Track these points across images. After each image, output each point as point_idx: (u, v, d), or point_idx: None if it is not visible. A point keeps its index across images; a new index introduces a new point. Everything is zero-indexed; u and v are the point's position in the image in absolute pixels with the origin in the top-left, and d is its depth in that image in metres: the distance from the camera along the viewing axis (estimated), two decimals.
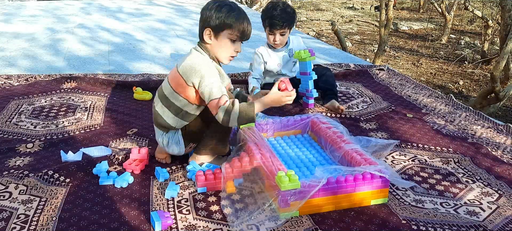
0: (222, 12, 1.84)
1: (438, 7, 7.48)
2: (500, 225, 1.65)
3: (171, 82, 1.91)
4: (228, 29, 1.85)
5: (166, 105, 1.92)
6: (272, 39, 2.78)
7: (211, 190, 1.82)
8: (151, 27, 5.60)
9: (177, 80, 1.87)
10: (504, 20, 4.33)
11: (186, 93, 1.87)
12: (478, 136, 2.44)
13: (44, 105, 2.74)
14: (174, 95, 1.89)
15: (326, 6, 11.02)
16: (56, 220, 1.61)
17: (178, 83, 1.87)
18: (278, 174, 1.63)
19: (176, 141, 1.96)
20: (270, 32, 2.76)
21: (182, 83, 1.85)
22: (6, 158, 2.05)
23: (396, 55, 6.62)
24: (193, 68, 1.82)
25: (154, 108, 1.98)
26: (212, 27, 1.85)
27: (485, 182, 1.96)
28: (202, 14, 1.90)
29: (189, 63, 1.84)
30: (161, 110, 1.94)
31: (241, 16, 1.87)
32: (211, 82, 1.80)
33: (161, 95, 1.95)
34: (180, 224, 1.61)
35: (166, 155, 2.04)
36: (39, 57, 4.01)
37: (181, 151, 1.98)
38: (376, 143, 2.18)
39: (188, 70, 1.83)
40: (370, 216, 1.69)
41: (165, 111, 1.93)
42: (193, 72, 1.82)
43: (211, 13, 1.85)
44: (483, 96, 4.14)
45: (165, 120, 1.93)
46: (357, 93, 3.11)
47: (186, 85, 1.85)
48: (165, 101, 1.92)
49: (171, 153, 2.02)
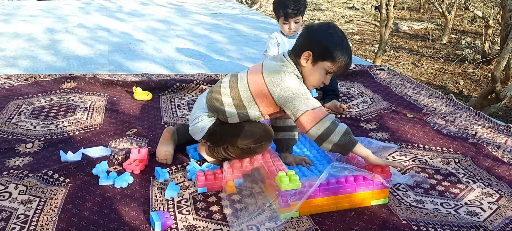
0: (332, 42, 1.71)
1: (438, 7, 7.47)
2: (501, 225, 1.65)
3: (251, 85, 1.77)
4: (329, 61, 1.72)
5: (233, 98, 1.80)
6: (287, 28, 2.79)
7: (211, 190, 1.82)
8: (151, 27, 5.60)
9: (260, 90, 1.75)
10: (505, 20, 4.33)
11: (263, 104, 1.77)
12: (479, 136, 2.44)
13: (43, 105, 2.73)
14: (249, 100, 1.78)
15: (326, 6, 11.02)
16: (55, 220, 1.61)
17: (261, 94, 1.75)
18: (279, 174, 1.63)
19: (203, 126, 1.87)
20: (285, 21, 2.76)
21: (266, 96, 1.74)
22: (6, 158, 2.05)
23: (397, 55, 6.62)
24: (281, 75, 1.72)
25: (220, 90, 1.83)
26: (315, 52, 1.71)
27: (485, 182, 1.95)
28: (311, 33, 1.76)
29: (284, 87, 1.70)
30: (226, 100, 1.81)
31: (348, 51, 1.73)
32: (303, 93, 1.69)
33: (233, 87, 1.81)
34: (180, 224, 1.61)
35: (167, 157, 2.04)
36: (38, 57, 4.00)
37: (197, 137, 1.93)
38: (377, 145, 2.18)
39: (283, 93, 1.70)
40: (370, 217, 1.68)
41: (230, 102, 1.81)
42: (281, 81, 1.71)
43: (320, 37, 1.72)
44: (483, 97, 4.13)
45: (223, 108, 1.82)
46: (357, 94, 3.10)
47: (270, 100, 1.74)
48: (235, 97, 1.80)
49: (189, 130, 1.97)
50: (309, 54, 1.72)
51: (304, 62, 1.74)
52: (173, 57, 4.17)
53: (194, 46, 4.61)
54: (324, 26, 1.76)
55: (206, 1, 8.32)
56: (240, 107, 1.81)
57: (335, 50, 1.70)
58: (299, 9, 2.75)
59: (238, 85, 1.80)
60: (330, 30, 1.74)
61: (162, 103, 2.84)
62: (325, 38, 1.72)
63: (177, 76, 3.42)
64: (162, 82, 3.11)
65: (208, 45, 4.66)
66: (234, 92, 1.80)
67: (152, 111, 2.70)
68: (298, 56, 1.75)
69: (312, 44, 1.72)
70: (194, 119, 1.94)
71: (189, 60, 4.06)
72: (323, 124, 1.66)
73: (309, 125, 1.67)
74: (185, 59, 4.09)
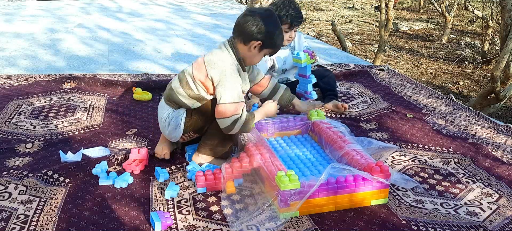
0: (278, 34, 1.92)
1: (438, 7, 7.47)
2: (500, 225, 1.65)
3: (194, 68, 1.94)
4: (271, 49, 1.95)
5: (183, 86, 1.94)
6: (288, 36, 2.78)
7: (211, 190, 1.82)
8: (151, 27, 5.60)
9: (200, 68, 1.91)
10: (504, 20, 4.33)
11: (205, 84, 1.90)
12: (479, 136, 2.44)
13: (43, 105, 2.73)
14: (194, 82, 1.91)
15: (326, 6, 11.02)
16: (55, 220, 1.61)
17: (200, 73, 1.90)
18: (278, 174, 1.63)
19: (177, 123, 1.96)
20: (289, 29, 2.75)
21: (204, 74, 1.89)
22: (6, 158, 2.05)
23: (396, 56, 6.62)
24: (218, 64, 1.87)
25: (169, 87, 1.99)
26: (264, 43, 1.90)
27: (485, 182, 1.95)
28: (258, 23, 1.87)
29: (215, 59, 1.90)
30: (178, 88, 1.95)
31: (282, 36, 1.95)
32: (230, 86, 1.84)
33: (182, 78, 1.95)
34: (180, 224, 1.61)
35: (165, 151, 2.04)
36: (39, 57, 4.00)
37: (178, 136, 1.98)
38: (377, 145, 2.18)
39: (213, 64, 1.88)
40: (370, 217, 1.69)
41: (181, 91, 1.94)
42: (216, 68, 1.86)
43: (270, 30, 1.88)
44: (483, 97, 4.14)
45: (179, 98, 1.95)
46: (357, 94, 3.10)
47: (206, 77, 1.88)
48: (184, 83, 1.93)
49: (168, 137, 2.02)
50: (258, 44, 1.90)
51: (252, 49, 1.91)
52: (173, 57, 4.17)
53: (194, 46, 4.61)
54: (272, 18, 1.92)
55: (206, 1, 8.32)
56: (192, 95, 1.93)
57: (278, 40, 1.93)
58: (302, 18, 2.77)
59: (185, 75, 1.94)
60: (277, 23, 1.93)
61: None
62: (276, 33, 1.91)
63: None
64: (162, 82, 3.11)
65: (208, 45, 4.66)
66: (184, 82, 1.94)
67: (152, 111, 2.70)
68: (245, 43, 1.90)
69: (264, 36, 1.88)
70: (164, 120, 1.99)
71: (189, 60, 4.06)
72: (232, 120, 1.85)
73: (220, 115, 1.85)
74: (185, 59, 4.10)
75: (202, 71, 1.89)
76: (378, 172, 1.72)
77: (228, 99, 1.83)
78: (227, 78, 1.85)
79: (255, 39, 1.88)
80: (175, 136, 1.98)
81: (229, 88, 1.84)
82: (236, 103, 1.84)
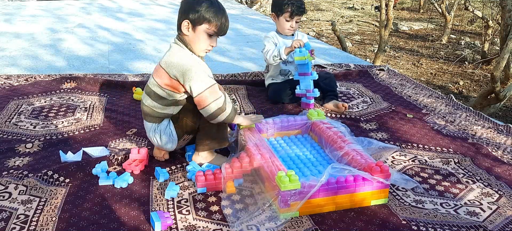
0: (202, 6, 1.87)
1: (438, 7, 7.47)
2: (501, 225, 1.65)
3: (155, 77, 1.95)
4: (206, 24, 1.89)
5: (155, 99, 1.95)
6: (289, 25, 2.79)
7: (211, 190, 1.82)
8: (151, 27, 5.60)
9: (160, 74, 1.92)
10: (504, 20, 4.33)
11: (172, 86, 1.91)
12: (479, 136, 2.44)
13: (43, 105, 2.74)
14: (161, 89, 1.93)
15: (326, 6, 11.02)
16: (55, 220, 1.61)
17: (162, 77, 1.91)
18: (278, 174, 1.63)
19: (168, 133, 1.97)
20: (289, 18, 2.76)
21: (166, 77, 1.90)
22: (6, 158, 2.05)
23: (396, 56, 6.62)
24: (174, 62, 1.88)
25: (144, 106, 2.01)
26: (191, 19, 1.89)
27: (485, 182, 1.95)
28: (181, 5, 1.93)
29: (172, 60, 1.89)
30: (151, 104, 1.97)
31: (220, 11, 1.91)
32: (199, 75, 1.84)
33: (149, 92, 1.97)
34: (180, 224, 1.61)
35: (163, 152, 2.04)
36: (39, 57, 4.00)
37: (174, 144, 1.99)
38: (377, 145, 2.18)
39: (170, 64, 1.89)
40: (370, 217, 1.69)
41: (156, 104, 1.96)
42: (175, 66, 1.87)
43: (191, 5, 1.88)
44: (483, 97, 4.14)
45: (157, 112, 1.97)
46: (357, 94, 3.10)
47: (170, 78, 1.90)
48: (154, 96, 1.95)
49: (166, 149, 2.02)
50: (187, 23, 1.89)
51: (186, 31, 1.91)
52: None
53: None
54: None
55: None
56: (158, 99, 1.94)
57: (207, 12, 1.88)
58: (304, 9, 2.77)
59: (151, 88, 1.96)
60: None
61: None
62: (196, 4, 1.88)
63: None
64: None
65: None
66: (153, 95, 1.95)
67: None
68: (180, 30, 1.92)
69: (187, 12, 1.88)
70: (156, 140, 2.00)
71: None
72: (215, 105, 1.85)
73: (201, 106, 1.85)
74: None
75: (164, 75, 1.91)
76: (378, 172, 1.72)
77: (200, 88, 1.84)
78: (190, 69, 1.85)
79: (182, 20, 1.90)
80: (171, 145, 2.00)
81: (196, 77, 1.84)
82: (210, 88, 1.84)
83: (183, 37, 1.94)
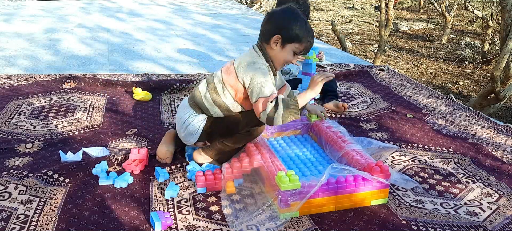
0: (297, 26, 1.85)
1: (438, 7, 7.48)
2: (500, 225, 1.65)
3: (223, 72, 1.92)
4: (297, 43, 1.87)
5: (211, 91, 1.92)
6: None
7: (211, 190, 1.82)
8: (151, 27, 5.60)
9: (229, 72, 1.90)
10: (504, 20, 4.33)
11: (235, 87, 1.88)
12: (478, 136, 2.44)
13: (43, 105, 2.73)
14: (223, 86, 1.90)
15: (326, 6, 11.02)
16: (55, 220, 1.61)
17: (230, 76, 1.89)
18: (278, 174, 1.63)
19: (195, 128, 1.94)
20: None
21: (233, 77, 1.87)
22: (6, 158, 2.05)
23: (396, 56, 6.62)
24: (248, 65, 1.85)
25: (196, 89, 1.97)
26: (283, 36, 1.86)
27: (485, 182, 1.95)
28: (275, 17, 1.89)
29: (246, 60, 1.88)
30: (205, 93, 1.93)
31: (311, 32, 1.91)
32: (262, 82, 1.80)
33: (209, 82, 1.95)
34: (180, 224, 1.61)
35: (168, 155, 2.04)
36: (39, 57, 4.00)
37: (193, 141, 1.97)
38: (377, 145, 2.18)
39: (243, 66, 1.86)
40: (370, 217, 1.69)
41: (208, 96, 1.92)
42: (247, 69, 1.84)
43: (286, 23, 1.86)
44: (483, 97, 4.14)
45: (203, 102, 1.93)
46: (357, 94, 3.10)
47: (236, 80, 1.86)
48: (212, 89, 1.92)
49: (182, 139, 2.01)
50: (278, 38, 1.86)
51: (274, 46, 1.88)
52: (173, 57, 4.17)
53: (194, 46, 4.61)
54: (288, 11, 1.90)
55: (206, 1, 8.32)
56: (217, 101, 1.91)
57: (301, 32, 1.86)
58: None
59: (214, 78, 1.94)
60: (294, 13, 1.89)
61: (162, 104, 2.85)
62: (292, 22, 1.86)
63: (177, 76, 3.42)
64: (162, 82, 3.12)
65: (208, 45, 4.67)
66: (211, 86, 1.93)
67: (152, 111, 2.70)
68: (267, 41, 1.89)
69: (281, 28, 1.86)
70: (183, 122, 1.97)
71: (189, 60, 4.06)
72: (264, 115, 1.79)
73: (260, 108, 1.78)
74: (185, 59, 4.10)
75: (232, 74, 1.87)
76: (378, 172, 1.72)
77: (257, 95, 1.80)
78: (257, 77, 1.81)
79: (273, 34, 1.87)
80: (189, 140, 1.98)
81: (258, 86, 1.80)
82: (264, 98, 1.78)
83: (267, 48, 1.90)
